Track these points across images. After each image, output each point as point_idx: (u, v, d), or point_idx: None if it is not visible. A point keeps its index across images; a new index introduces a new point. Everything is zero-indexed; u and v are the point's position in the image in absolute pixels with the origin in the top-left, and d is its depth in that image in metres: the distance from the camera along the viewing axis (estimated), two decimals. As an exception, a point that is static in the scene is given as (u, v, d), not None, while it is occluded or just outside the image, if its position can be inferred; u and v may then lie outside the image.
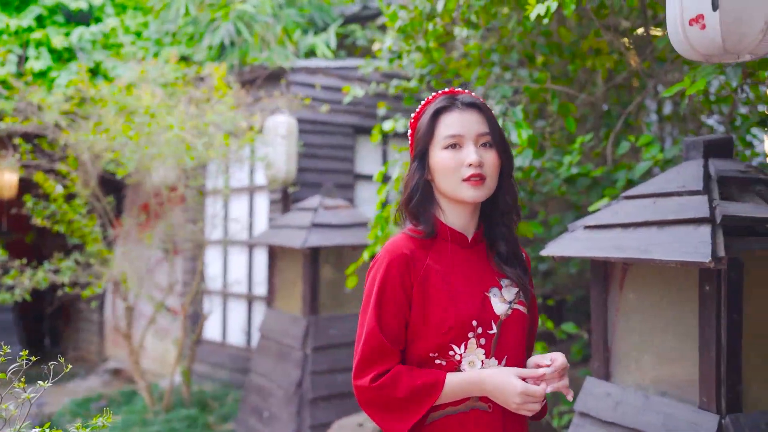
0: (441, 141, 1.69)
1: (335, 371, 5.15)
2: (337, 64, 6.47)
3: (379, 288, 1.65)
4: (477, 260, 1.76)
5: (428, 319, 1.65)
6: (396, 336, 1.66)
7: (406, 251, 1.68)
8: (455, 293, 1.67)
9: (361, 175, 6.66)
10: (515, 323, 1.71)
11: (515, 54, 4.59)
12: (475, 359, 1.65)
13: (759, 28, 1.55)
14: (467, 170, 1.66)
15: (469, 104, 1.71)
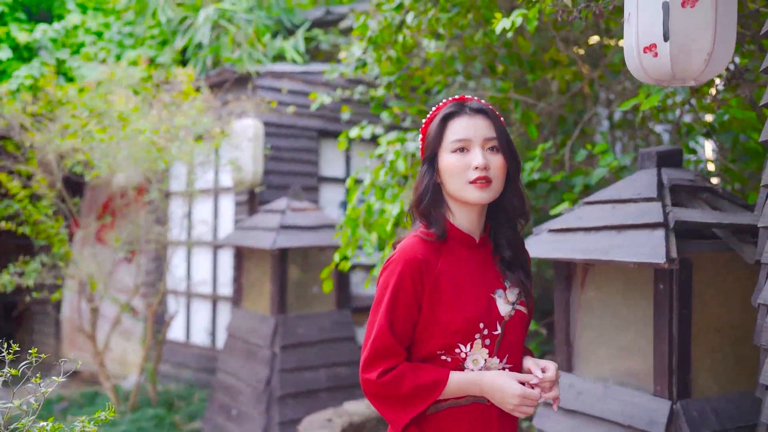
0: (449, 145, 1.75)
1: (303, 369, 5.29)
2: (302, 68, 6.60)
3: (393, 292, 1.72)
4: (483, 261, 1.82)
5: (438, 321, 1.72)
6: (404, 336, 1.74)
7: (420, 256, 1.73)
8: (464, 296, 1.74)
9: (324, 178, 6.80)
10: (517, 323, 1.79)
11: (478, 64, 4.79)
12: (479, 358, 1.74)
13: (702, 59, 1.77)
14: (473, 173, 1.72)
15: (477, 110, 1.77)
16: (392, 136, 4.56)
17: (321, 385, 5.34)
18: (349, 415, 4.81)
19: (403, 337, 1.74)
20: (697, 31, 1.72)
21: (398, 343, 1.72)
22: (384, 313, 1.72)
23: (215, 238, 6.78)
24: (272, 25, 7.35)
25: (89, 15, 7.63)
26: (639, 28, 1.81)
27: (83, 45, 7.16)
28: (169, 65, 7.01)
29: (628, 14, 1.88)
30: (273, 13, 7.37)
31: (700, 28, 1.72)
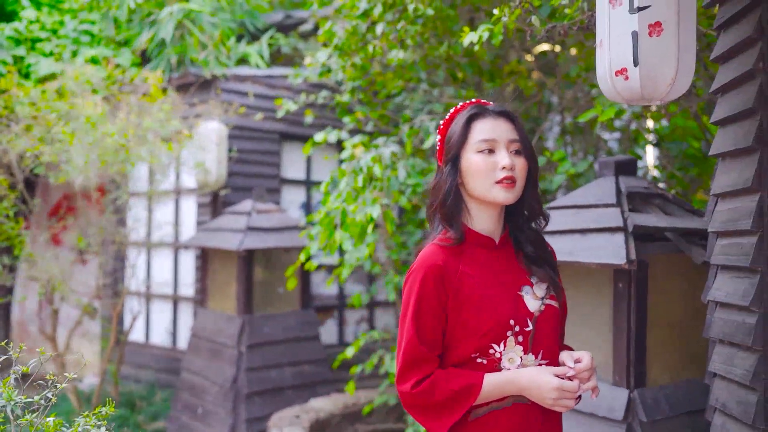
0: (474, 145, 1.75)
1: (269, 367, 5.41)
2: (265, 72, 6.70)
3: (416, 300, 1.71)
4: (506, 261, 1.82)
5: (466, 325, 1.70)
6: (434, 344, 1.72)
7: (440, 262, 1.73)
8: (490, 296, 1.73)
9: (286, 180, 6.91)
10: (549, 318, 1.78)
11: (441, 72, 5.00)
12: (514, 356, 1.71)
13: (667, 83, 1.98)
14: (501, 173, 1.72)
15: (501, 112, 1.78)
16: (356, 141, 4.71)
17: (286, 383, 5.46)
18: (316, 411, 4.96)
19: (433, 345, 1.72)
20: (662, 57, 1.94)
21: (429, 351, 1.71)
22: (410, 323, 1.72)
23: (177, 239, 6.82)
24: (236, 28, 7.42)
25: (44, 12, 7.55)
26: (611, 54, 2.02)
27: (39, 40, 7.09)
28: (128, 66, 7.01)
29: (600, 40, 2.09)
30: (237, 16, 7.44)
31: (665, 55, 1.94)
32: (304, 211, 7.06)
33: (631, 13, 1.96)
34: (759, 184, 2.03)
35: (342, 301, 7.13)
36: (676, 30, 1.95)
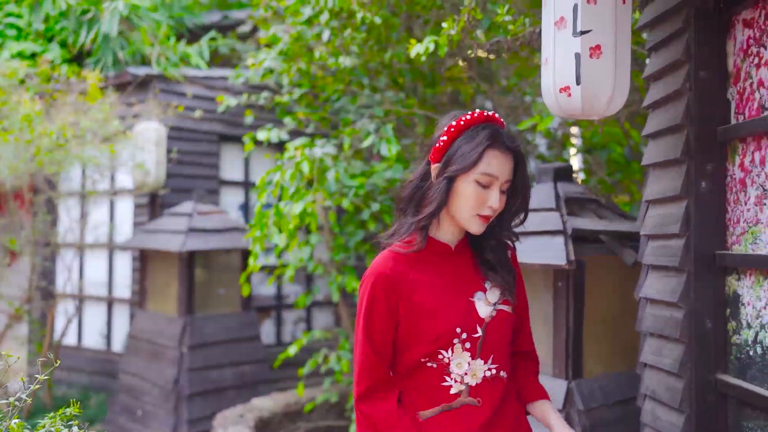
0: (476, 175, 1.70)
1: (210, 368, 5.43)
2: (204, 73, 6.69)
3: (367, 307, 1.75)
4: (461, 266, 1.82)
5: (417, 331, 1.73)
6: (383, 348, 1.75)
7: (388, 271, 1.74)
8: (440, 303, 1.74)
9: (225, 181, 6.92)
10: (500, 323, 1.79)
11: (383, 78, 5.14)
12: (462, 361, 1.73)
13: (606, 100, 2.17)
14: (486, 210, 1.72)
15: (510, 148, 1.75)
16: (300, 142, 4.80)
17: (228, 383, 5.50)
18: (259, 410, 5.02)
19: (382, 350, 1.76)
20: (602, 77, 2.12)
21: (377, 357, 1.75)
22: (362, 330, 1.76)
23: (112, 240, 6.73)
24: (174, 26, 7.37)
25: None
26: (555, 72, 2.19)
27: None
28: (60, 63, 6.86)
29: (545, 59, 2.26)
30: (175, 14, 7.38)
31: (604, 75, 2.12)
32: (243, 212, 7.08)
33: (574, 36, 2.14)
34: (686, 192, 2.25)
35: (280, 302, 7.18)
36: (614, 53, 2.14)
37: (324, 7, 4.36)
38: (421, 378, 1.75)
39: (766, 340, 2.00)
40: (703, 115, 2.22)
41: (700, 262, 2.22)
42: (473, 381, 1.74)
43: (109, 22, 6.40)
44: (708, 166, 2.22)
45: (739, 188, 2.15)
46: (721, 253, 2.19)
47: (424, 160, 1.82)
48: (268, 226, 4.53)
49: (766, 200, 2.02)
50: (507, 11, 3.04)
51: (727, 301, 2.20)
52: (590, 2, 2.10)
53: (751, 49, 2.10)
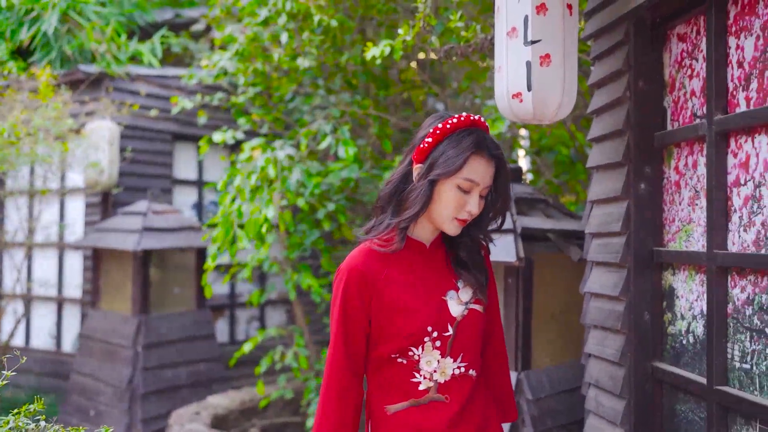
0: (460, 179, 1.71)
1: (165, 366, 5.44)
2: (158, 72, 6.66)
3: (341, 301, 1.76)
4: (434, 264, 1.83)
5: (388, 327, 1.74)
6: (356, 345, 1.77)
7: (362, 266, 1.75)
8: (413, 301, 1.75)
9: (178, 180, 6.91)
10: (471, 322, 1.79)
11: (338, 80, 5.24)
12: (432, 359, 1.74)
13: (555, 107, 2.32)
14: (464, 214, 1.73)
15: (494, 156, 1.75)
16: (255, 143, 4.86)
17: (182, 381, 5.51)
18: (214, 407, 5.06)
19: (355, 348, 1.78)
20: (551, 84, 2.26)
21: (347, 358, 1.77)
22: (336, 323, 1.78)
23: (62, 239, 6.65)
24: (125, 23, 7.31)
25: None
26: (508, 79, 2.33)
27: None
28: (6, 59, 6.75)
29: (498, 66, 2.40)
30: (124, 10, 7.33)
31: (553, 82, 2.26)
32: (196, 211, 7.08)
33: (525, 45, 2.27)
34: (626, 194, 2.42)
35: (233, 301, 7.21)
36: (562, 61, 2.28)
37: (282, 9, 4.44)
38: (391, 373, 1.77)
39: (698, 329, 2.17)
40: (642, 121, 2.39)
41: (639, 259, 2.38)
42: (442, 378, 1.75)
43: (48, 20, 6.33)
44: (646, 169, 2.39)
45: (674, 190, 2.33)
46: (658, 249, 2.36)
47: (406, 160, 1.81)
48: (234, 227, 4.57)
49: (698, 201, 2.19)
50: (459, 18, 3.17)
51: (664, 294, 2.37)
52: (540, 13, 2.24)
53: (685, 61, 2.27)
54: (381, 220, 1.82)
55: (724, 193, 2.02)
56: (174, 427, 4.61)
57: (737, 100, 1.99)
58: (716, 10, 2.04)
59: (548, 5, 2.23)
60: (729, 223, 2.01)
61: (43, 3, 6.51)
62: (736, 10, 2.00)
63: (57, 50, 6.48)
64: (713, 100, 2.04)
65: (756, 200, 1.89)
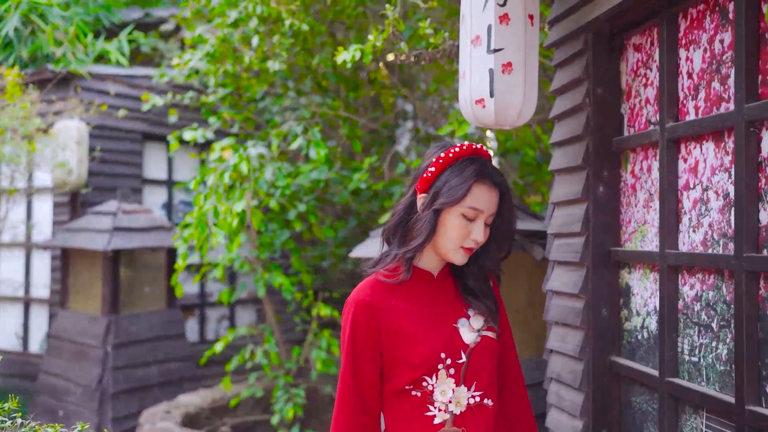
0: (464, 208, 1.71)
1: (136, 366, 5.46)
2: (127, 71, 6.66)
3: (350, 335, 1.73)
4: (443, 293, 1.81)
5: (400, 358, 1.71)
6: (367, 379, 1.74)
7: (368, 299, 1.73)
8: (423, 330, 1.72)
9: (148, 180, 6.90)
10: (485, 350, 1.76)
11: (308, 81, 5.31)
12: (446, 388, 1.70)
13: (516, 113, 2.42)
14: (470, 242, 1.73)
15: (497, 184, 1.75)
16: (226, 143, 4.91)
17: (153, 380, 5.53)
18: (185, 406, 5.09)
19: (366, 384, 1.75)
20: (512, 91, 2.36)
21: (358, 396, 1.74)
22: (346, 357, 1.75)
23: (30, 239, 6.61)
24: (91, 23, 7.27)
25: None
26: (471, 85, 2.42)
27: None
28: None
29: (463, 72, 2.49)
30: (90, 10, 7.29)
31: (515, 89, 2.37)
32: (166, 211, 7.08)
33: (488, 53, 2.37)
34: (586, 196, 2.53)
35: (203, 300, 7.23)
36: (524, 69, 2.39)
37: (252, 12, 4.49)
38: (405, 408, 1.73)
39: (651, 325, 2.29)
40: (600, 127, 2.50)
41: (598, 258, 2.50)
42: (457, 409, 1.71)
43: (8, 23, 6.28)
44: (604, 173, 2.50)
45: (631, 192, 2.44)
46: (616, 249, 2.48)
47: (410, 190, 1.82)
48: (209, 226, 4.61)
49: (652, 203, 2.31)
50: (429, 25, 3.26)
51: (621, 291, 2.49)
52: (503, 23, 2.34)
53: (640, 70, 2.39)
54: (388, 252, 1.81)
55: (675, 196, 2.14)
56: (145, 426, 4.64)
57: (687, 109, 2.11)
58: (668, 23, 2.16)
59: (511, 15, 2.33)
60: (680, 224, 2.13)
61: (7, 6, 6.47)
62: (686, 24, 2.12)
63: (17, 52, 6.44)
64: (665, 108, 2.16)
65: (704, 203, 2.01)
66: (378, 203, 5.14)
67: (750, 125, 1.78)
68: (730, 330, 1.88)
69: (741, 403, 1.76)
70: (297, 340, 6.74)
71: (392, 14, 3.19)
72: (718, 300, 1.94)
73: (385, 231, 1.85)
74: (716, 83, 1.97)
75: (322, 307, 4.82)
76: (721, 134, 1.94)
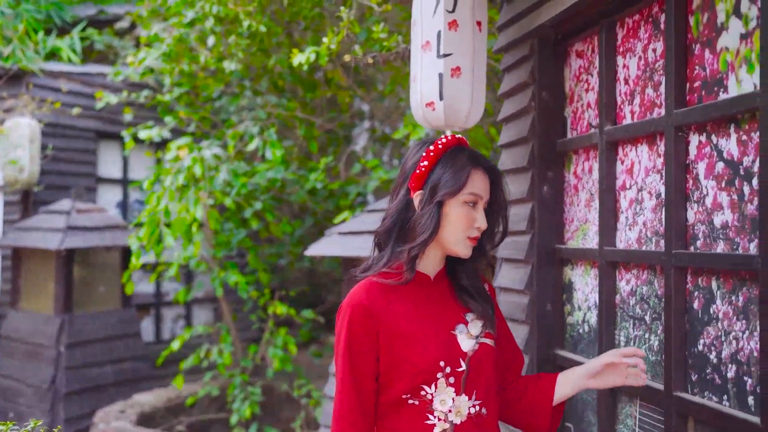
0: (465, 195, 1.69)
1: (90, 365, 5.42)
2: (80, 69, 6.59)
3: (346, 339, 1.67)
4: (441, 298, 1.76)
5: (398, 364, 1.65)
6: (366, 383, 1.67)
7: (365, 302, 1.66)
8: (421, 336, 1.67)
9: (102, 179, 6.84)
10: (484, 357, 1.71)
11: (264, 82, 5.34)
12: (446, 397, 1.65)
13: (464, 115, 2.51)
14: (474, 231, 1.71)
15: (488, 169, 1.76)
16: (182, 142, 4.92)
17: (107, 380, 5.50)
18: (140, 405, 5.08)
19: (365, 386, 1.67)
20: (461, 95, 2.45)
21: (357, 395, 1.66)
22: (342, 362, 1.68)
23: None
24: (43, 20, 7.17)
25: None
26: (422, 89, 2.51)
27: None
28: None
29: (414, 76, 2.57)
30: (42, 7, 7.19)
31: (463, 93, 2.46)
32: (121, 210, 7.03)
33: (438, 58, 2.46)
34: (531, 196, 2.63)
35: (159, 299, 7.19)
36: (471, 73, 2.48)
37: (209, 12, 4.51)
38: (402, 419, 1.67)
39: (592, 319, 2.40)
40: (545, 129, 2.61)
41: (542, 255, 2.60)
42: (458, 419, 1.65)
43: None
44: (549, 174, 2.61)
45: (573, 193, 2.55)
46: (559, 247, 2.59)
47: (401, 190, 1.76)
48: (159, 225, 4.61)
49: (592, 203, 2.42)
50: (382, 29, 3.34)
51: (564, 287, 2.60)
52: (452, 29, 2.43)
53: (582, 75, 2.50)
54: (380, 256, 1.75)
55: (613, 196, 2.26)
56: (99, 426, 4.62)
57: (624, 113, 2.22)
58: (607, 32, 2.27)
59: (459, 22, 2.42)
60: (617, 223, 2.25)
61: None
62: (623, 33, 2.23)
63: None
64: (604, 112, 2.27)
65: (639, 203, 2.13)
66: (334, 202, 5.20)
67: (678, 130, 1.90)
68: (661, 322, 2.00)
69: (669, 390, 1.87)
70: (254, 338, 6.76)
71: (347, 17, 3.26)
72: (651, 294, 2.05)
73: (377, 235, 1.78)
74: (650, 89, 2.09)
75: (279, 306, 4.87)
76: (653, 138, 2.06)
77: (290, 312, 5.01)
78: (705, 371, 1.81)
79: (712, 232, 1.80)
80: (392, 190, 1.80)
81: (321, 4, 4.89)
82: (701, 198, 1.84)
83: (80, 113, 6.49)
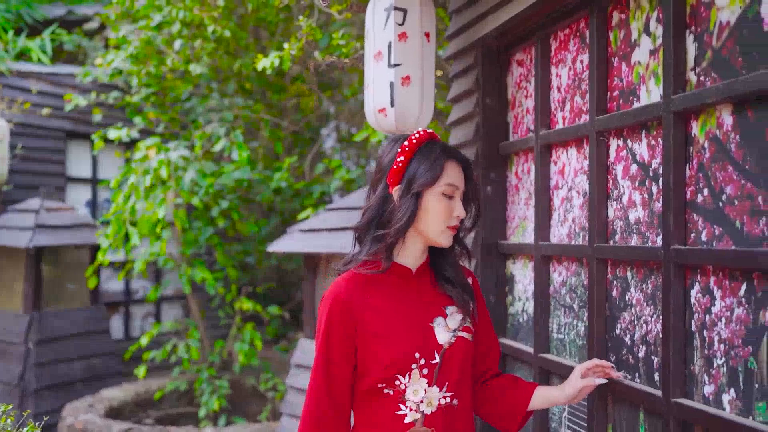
0: (442, 186, 1.74)
1: (59, 362, 5.51)
2: (50, 69, 6.66)
3: (324, 331, 1.72)
4: (421, 290, 1.81)
5: (373, 356, 1.70)
6: (339, 374, 1.73)
7: (345, 294, 1.72)
8: (398, 328, 1.72)
9: (72, 178, 6.92)
10: (459, 351, 1.76)
11: (232, 84, 5.48)
12: (419, 388, 1.70)
13: (414, 121, 2.69)
14: (453, 221, 1.77)
15: (461, 160, 1.81)
16: (150, 142, 5.04)
17: (76, 376, 5.60)
18: (109, 400, 5.19)
19: (338, 383, 1.73)
20: (410, 101, 2.63)
21: (328, 396, 1.73)
22: (319, 352, 1.74)
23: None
24: (12, 20, 7.22)
25: None
26: (374, 96, 2.68)
27: None
28: None
29: (367, 84, 2.75)
30: (12, 6, 7.24)
31: (413, 100, 2.64)
32: (91, 209, 7.11)
33: (389, 67, 2.64)
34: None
35: (128, 297, 7.28)
36: (421, 82, 2.66)
37: (175, 17, 4.64)
38: (376, 407, 1.73)
39: (530, 309, 2.60)
40: (489, 133, 2.80)
41: (486, 250, 2.79)
42: (428, 409, 1.71)
43: None
44: (492, 174, 2.80)
45: (514, 192, 2.75)
46: (502, 242, 2.78)
47: (379, 186, 1.80)
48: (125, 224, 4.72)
49: (530, 201, 2.61)
50: (342, 36, 3.51)
51: (506, 280, 2.80)
52: (401, 40, 2.61)
53: (523, 83, 2.70)
54: (360, 250, 1.80)
55: (547, 195, 2.45)
56: (67, 419, 4.72)
57: (557, 119, 2.42)
58: (542, 44, 2.47)
59: (408, 34, 2.60)
60: (551, 219, 2.44)
61: None
62: (556, 45, 2.43)
63: None
64: (539, 117, 2.47)
65: (569, 201, 2.33)
66: (299, 202, 5.36)
67: (600, 135, 2.10)
68: (586, 310, 2.20)
69: (590, 370, 2.07)
70: (222, 335, 6.88)
71: (306, 24, 3.42)
72: (578, 284, 2.25)
73: (356, 230, 1.82)
74: (578, 97, 2.29)
75: (245, 302, 5.01)
76: (580, 141, 2.26)
77: (256, 308, 5.15)
78: (621, 352, 2.01)
79: (628, 227, 2.00)
80: (370, 186, 1.85)
81: (287, 9, 5.04)
82: (619, 196, 2.04)
83: (50, 113, 6.56)
